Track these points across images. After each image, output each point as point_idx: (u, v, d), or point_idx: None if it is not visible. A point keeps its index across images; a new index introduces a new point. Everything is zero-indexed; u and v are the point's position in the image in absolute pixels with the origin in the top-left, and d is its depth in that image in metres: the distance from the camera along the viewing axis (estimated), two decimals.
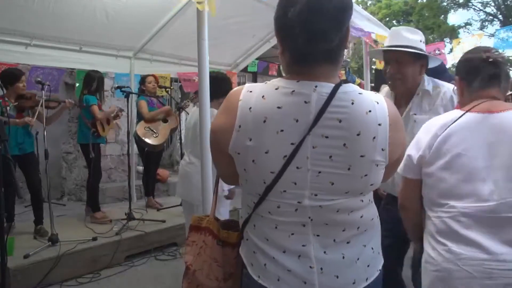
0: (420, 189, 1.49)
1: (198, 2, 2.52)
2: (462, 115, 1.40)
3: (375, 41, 4.58)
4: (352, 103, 0.98)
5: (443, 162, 1.38)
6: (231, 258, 1.20)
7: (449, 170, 1.37)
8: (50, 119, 4.04)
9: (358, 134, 0.97)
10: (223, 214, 2.69)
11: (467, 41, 5.79)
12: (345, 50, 1.04)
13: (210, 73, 2.82)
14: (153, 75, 4.93)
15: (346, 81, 1.03)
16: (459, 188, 1.35)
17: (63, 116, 4.69)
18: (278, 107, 0.98)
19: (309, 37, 0.95)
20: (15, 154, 3.64)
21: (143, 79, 4.92)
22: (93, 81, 4.37)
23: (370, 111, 0.98)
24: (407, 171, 1.49)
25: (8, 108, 3.67)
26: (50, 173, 3.71)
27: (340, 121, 0.97)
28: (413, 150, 1.46)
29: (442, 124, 1.41)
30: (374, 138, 0.98)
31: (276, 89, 1.01)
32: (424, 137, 1.44)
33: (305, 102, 0.98)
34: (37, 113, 3.69)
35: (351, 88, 1.01)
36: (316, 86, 0.99)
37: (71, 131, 6.28)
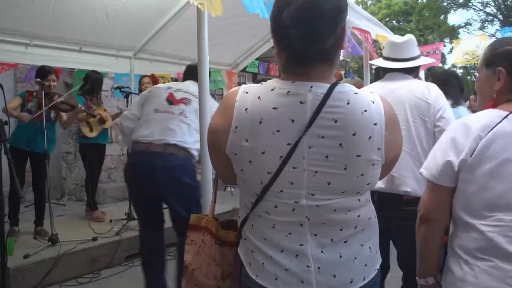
0: (452, 198, 1.30)
1: (199, 3, 2.51)
2: (507, 116, 1.21)
3: (376, 41, 4.57)
4: (348, 103, 0.98)
5: (488, 168, 1.19)
6: (229, 257, 1.21)
7: (496, 177, 1.19)
8: (66, 123, 4.17)
9: (354, 134, 0.97)
10: None
11: (468, 42, 5.79)
12: (342, 50, 1.04)
13: None
14: (152, 75, 4.95)
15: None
16: (507, 197, 1.19)
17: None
18: (274, 108, 0.99)
19: (304, 38, 0.95)
20: (23, 148, 3.76)
21: (140, 80, 4.96)
22: (87, 82, 4.47)
23: (365, 110, 0.99)
24: (445, 179, 1.27)
25: (30, 103, 3.83)
26: (50, 173, 3.73)
27: (335, 121, 0.97)
28: (451, 155, 1.24)
29: (484, 124, 1.21)
30: (370, 137, 0.99)
31: (272, 90, 1.02)
32: (464, 138, 1.23)
33: (301, 102, 0.98)
34: (42, 108, 3.69)
35: (347, 88, 1.01)
36: (311, 87, 0.99)
37: (71, 131, 6.28)
